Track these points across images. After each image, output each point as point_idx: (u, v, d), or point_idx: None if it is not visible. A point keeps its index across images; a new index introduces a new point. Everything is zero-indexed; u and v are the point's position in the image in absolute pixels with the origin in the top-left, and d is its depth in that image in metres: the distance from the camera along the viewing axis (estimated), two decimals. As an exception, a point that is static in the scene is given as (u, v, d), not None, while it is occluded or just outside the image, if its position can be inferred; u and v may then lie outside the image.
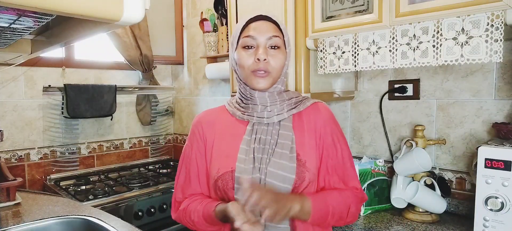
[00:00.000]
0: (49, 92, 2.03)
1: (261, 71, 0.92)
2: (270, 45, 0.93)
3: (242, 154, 0.92)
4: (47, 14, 0.79)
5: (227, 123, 1.01)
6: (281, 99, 0.98)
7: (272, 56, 0.93)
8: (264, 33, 0.93)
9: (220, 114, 1.05)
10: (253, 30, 0.93)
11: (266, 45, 0.93)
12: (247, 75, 0.94)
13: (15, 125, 2.00)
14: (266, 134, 0.95)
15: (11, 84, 1.98)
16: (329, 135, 0.98)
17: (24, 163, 2.03)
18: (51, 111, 2.11)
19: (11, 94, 1.98)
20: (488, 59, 0.98)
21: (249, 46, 0.94)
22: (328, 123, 0.99)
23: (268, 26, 0.94)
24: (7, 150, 1.97)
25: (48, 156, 2.11)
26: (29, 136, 2.05)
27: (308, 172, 0.92)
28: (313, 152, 0.95)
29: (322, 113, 1.00)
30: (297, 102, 0.99)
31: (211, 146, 1.00)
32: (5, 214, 1.33)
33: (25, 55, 1.41)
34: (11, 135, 1.98)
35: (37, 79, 2.06)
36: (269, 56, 0.92)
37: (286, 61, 0.97)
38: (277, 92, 0.98)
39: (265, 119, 0.96)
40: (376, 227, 1.29)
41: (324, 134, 0.97)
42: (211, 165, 0.98)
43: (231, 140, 0.97)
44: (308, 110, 1.00)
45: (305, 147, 0.95)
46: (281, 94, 0.99)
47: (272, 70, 0.93)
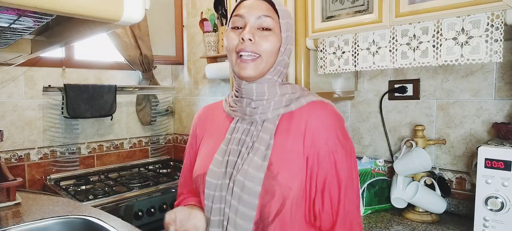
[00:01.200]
0: (49, 92, 2.03)
1: (247, 52, 0.77)
2: (261, 26, 0.79)
3: (219, 155, 0.81)
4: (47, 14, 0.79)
5: (219, 119, 0.90)
6: (271, 94, 0.81)
7: (262, 38, 0.78)
8: (254, 11, 0.79)
9: (215, 110, 0.95)
10: (243, 8, 0.80)
11: (255, 25, 0.79)
12: (233, 61, 0.81)
13: (15, 125, 2.00)
14: (247, 134, 0.81)
15: (11, 84, 1.98)
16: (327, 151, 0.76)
17: (24, 163, 2.03)
18: (51, 111, 2.11)
19: (11, 94, 1.98)
20: (488, 59, 0.98)
21: (237, 26, 0.81)
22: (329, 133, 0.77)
23: (261, 4, 0.80)
24: (7, 150, 1.97)
25: (48, 156, 2.11)
26: (29, 136, 2.05)
27: (280, 187, 0.74)
28: (295, 165, 0.76)
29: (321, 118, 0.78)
30: (290, 100, 0.81)
31: (200, 143, 0.92)
32: (5, 214, 1.33)
33: (25, 55, 1.41)
34: (11, 135, 1.98)
35: (37, 79, 2.06)
36: (258, 37, 0.78)
37: (283, 47, 0.81)
38: (269, 85, 0.82)
39: (247, 116, 0.82)
40: (376, 227, 1.29)
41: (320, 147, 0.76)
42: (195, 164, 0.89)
43: (216, 138, 0.86)
44: (304, 111, 0.80)
45: (284, 157, 0.77)
46: (274, 88, 0.82)
47: (262, 54, 0.78)
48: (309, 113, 0.79)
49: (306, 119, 0.78)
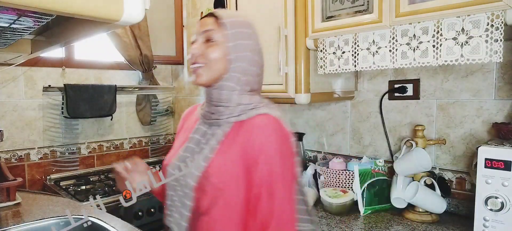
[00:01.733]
0: (49, 92, 2.03)
1: (195, 64, 0.89)
2: (206, 39, 0.89)
3: (181, 150, 0.93)
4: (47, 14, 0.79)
5: (193, 119, 1.02)
6: (228, 102, 0.88)
7: (207, 48, 0.88)
8: (201, 28, 0.90)
9: (196, 109, 1.06)
10: (196, 26, 0.92)
11: (202, 40, 0.90)
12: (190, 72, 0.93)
13: (15, 125, 2.00)
14: (203, 136, 0.91)
15: (11, 84, 1.98)
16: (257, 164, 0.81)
17: (24, 163, 2.03)
18: (51, 111, 2.11)
19: (11, 94, 1.98)
20: (488, 59, 0.98)
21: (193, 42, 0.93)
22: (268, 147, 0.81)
23: (208, 20, 0.90)
24: (7, 150, 1.97)
25: (48, 156, 2.11)
26: (29, 136, 2.04)
27: (211, 187, 0.83)
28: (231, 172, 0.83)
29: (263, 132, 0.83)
30: (243, 110, 0.88)
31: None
32: (5, 214, 1.33)
33: (25, 55, 1.41)
34: (11, 135, 1.98)
35: (37, 79, 2.06)
36: (204, 49, 0.88)
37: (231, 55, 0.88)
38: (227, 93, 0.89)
39: (207, 120, 0.92)
40: (376, 227, 1.29)
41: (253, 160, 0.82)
42: None
43: (186, 135, 0.97)
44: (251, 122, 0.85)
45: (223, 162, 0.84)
46: (231, 96, 0.88)
47: (207, 62, 0.87)
48: (253, 126, 0.85)
49: (251, 131, 0.84)
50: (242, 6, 1.61)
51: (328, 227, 1.29)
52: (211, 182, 0.84)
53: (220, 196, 0.84)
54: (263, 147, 0.82)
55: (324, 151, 1.89)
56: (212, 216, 0.85)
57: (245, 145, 0.83)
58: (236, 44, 0.89)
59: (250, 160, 0.82)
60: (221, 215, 0.84)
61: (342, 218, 1.38)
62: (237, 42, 0.89)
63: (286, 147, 0.84)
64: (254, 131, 0.84)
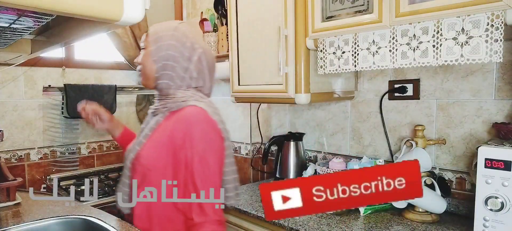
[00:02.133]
0: (49, 92, 2.03)
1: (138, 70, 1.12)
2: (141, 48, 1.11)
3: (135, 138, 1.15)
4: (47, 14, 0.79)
5: None
6: (165, 97, 1.09)
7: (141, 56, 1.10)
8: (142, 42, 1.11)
9: None
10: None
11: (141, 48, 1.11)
12: None
13: (15, 125, 2.00)
14: (146, 125, 1.12)
15: (11, 84, 1.98)
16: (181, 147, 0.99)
17: (24, 163, 2.03)
18: (51, 111, 2.11)
19: (11, 94, 1.98)
20: (488, 59, 0.98)
21: None
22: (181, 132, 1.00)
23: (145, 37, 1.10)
24: (7, 150, 1.97)
25: (48, 156, 2.11)
26: (29, 136, 2.04)
27: (140, 166, 1.05)
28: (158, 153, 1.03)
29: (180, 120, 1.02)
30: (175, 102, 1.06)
31: None
32: (5, 214, 1.33)
33: (25, 55, 1.41)
34: (11, 135, 1.98)
35: (37, 79, 2.06)
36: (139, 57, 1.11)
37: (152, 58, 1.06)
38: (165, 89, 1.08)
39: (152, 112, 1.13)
40: (376, 227, 1.29)
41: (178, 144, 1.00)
42: None
43: None
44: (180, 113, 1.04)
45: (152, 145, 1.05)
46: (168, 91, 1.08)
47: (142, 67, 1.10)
48: (181, 115, 1.03)
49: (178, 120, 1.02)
50: (242, 6, 1.61)
51: (328, 227, 1.30)
52: (141, 162, 1.05)
53: (148, 174, 1.03)
54: (187, 133, 0.99)
55: (324, 151, 1.89)
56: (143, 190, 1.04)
57: (173, 131, 1.01)
58: (157, 46, 1.05)
59: (176, 144, 1.00)
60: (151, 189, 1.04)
61: (342, 218, 1.38)
62: (158, 45, 1.05)
63: (209, 132, 1.01)
64: (181, 120, 1.02)
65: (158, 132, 1.06)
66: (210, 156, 1.00)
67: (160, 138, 1.04)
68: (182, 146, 0.99)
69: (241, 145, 2.15)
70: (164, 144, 1.02)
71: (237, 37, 1.64)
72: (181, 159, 1.00)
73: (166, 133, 1.03)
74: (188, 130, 1.00)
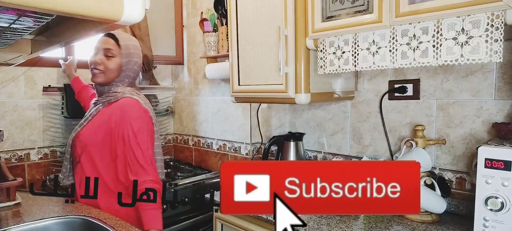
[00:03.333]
0: (49, 92, 2.03)
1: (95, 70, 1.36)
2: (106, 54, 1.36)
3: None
4: (47, 14, 0.79)
5: None
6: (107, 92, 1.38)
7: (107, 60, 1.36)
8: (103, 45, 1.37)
9: None
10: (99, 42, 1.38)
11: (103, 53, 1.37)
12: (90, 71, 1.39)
13: (15, 125, 2.00)
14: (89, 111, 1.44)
15: (11, 84, 1.98)
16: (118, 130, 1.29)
17: (24, 163, 2.03)
18: (51, 112, 2.11)
19: (11, 94, 1.98)
20: (488, 59, 0.98)
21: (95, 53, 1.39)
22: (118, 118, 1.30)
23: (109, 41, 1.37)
24: (7, 150, 1.97)
25: (48, 156, 2.11)
26: (29, 136, 2.04)
27: (79, 142, 1.37)
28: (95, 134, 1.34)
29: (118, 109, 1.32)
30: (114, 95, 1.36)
31: None
32: (5, 214, 1.33)
33: (25, 55, 1.41)
34: (11, 135, 1.98)
35: (37, 79, 2.06)
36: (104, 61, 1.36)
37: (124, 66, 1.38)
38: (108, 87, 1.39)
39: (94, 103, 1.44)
40: (376, 227, 1.29)
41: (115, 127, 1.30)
42: None
43: None
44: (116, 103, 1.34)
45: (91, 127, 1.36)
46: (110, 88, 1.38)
47: (105, 71, 1.36)
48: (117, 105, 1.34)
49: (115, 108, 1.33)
50: (242, 6, 1.61)
51: (328, 227, 1.30)
52: (80, 140, 1.36)
53: (85, 150, 1.35)
54: (122, 118, 1.30)
55: (324, 151, 1.89)
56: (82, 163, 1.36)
57: (110, 116, 1.32)
58: (128, 60, 1.39)
59: (112, 126, 1.30)
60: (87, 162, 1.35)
61: (342, 218, 1.38)
62: (129, 59, 1.39)
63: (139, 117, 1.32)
64: (117, 108, 1.32)
65: (97, 117, 1.36)
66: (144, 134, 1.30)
67: (98, 121, 1.35)
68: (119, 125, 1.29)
69: (241, 145, 2.15)
70: (101, 125, 1.33)
71: (237, 37, 1.64)
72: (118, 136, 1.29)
73: (104, 117, 1.34)
74: (124, 113, 1.30)
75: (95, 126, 1.36)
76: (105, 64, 1.36)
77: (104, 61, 1.36)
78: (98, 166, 1.34)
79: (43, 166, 2.09)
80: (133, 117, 1.30)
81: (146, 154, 1.29)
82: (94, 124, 1.36)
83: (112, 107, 1.35)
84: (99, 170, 1.34)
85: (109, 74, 1.37)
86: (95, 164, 1.34)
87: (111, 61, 1.36)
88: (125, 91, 1.38)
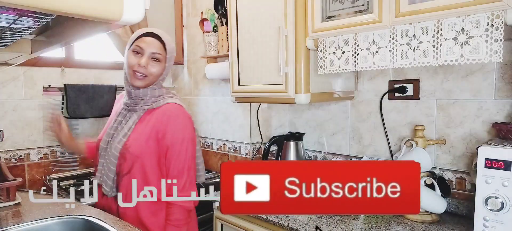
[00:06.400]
0: (49, 92, 2.03)
1: (139, 74, 1.22)
2: (152, 57, 1.23)
3: (108, 129, 1.30)
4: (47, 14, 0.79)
5: (119, 105, 1.36)
6: (145, 96, 1.26)
7: (152, 66, 1.23)
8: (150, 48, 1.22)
9: (122, 98, 1.38)
10: (143, 42, 1.22)
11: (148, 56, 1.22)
12: (130, 73, 1.23)
13: (15, 125, 2.00)
14: (124, 118, 1.29)
15: (11, 84, 1.98)
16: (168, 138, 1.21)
17: (24, 163, 2.03)
18: (51, 112, 2.11)
19: (11, 94, 1.98)
20: (488, 59, 0.98)
21: (137, 52, 1.23)
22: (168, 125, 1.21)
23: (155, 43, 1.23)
24: (7, 150, 1.97)
25: (48, 156, 2.11)
26: (29, 136, 2.04)
27: (130, 155, 1.22)
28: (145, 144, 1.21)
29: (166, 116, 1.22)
30: (155, 101, 1.26)
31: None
32: (5, 214, 1.33)
33: (25, 55, 1.41)
34: (11, 135, 1.98)
35: (37, 79, 2.06)
36: (149, 65, 1.22)
37: (165, 72, 1.28)
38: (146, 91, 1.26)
39: (129, 107, 1.28)
40: (376, 227, 1.29)
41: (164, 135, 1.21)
42: None
43: (111, 118, 1.37)
44: (160, 109, 1.24)
45: (138, 136, 1.23)
46: (148, 92, 1.26)
47: (149, 75, 1.23)
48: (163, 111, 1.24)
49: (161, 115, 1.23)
50: (242, 6, 1.61)
51: (328, 227, 1.30)
52: (130, 151, 1.22)
53: (136, 161, 1.22)
54: (169, 125, 1.21)
55: (324, 151, 1.89)
56: (131, 175, 1.22)
57: (157, 124, 1.22)
58: (169, 64, 1.29)
59: (159, 134, 1.21)
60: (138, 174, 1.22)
61: (342, 218, 1.38)
62: (170, 63, 1.29)
63: (185, 125, 1.24)
64: (163, 115, 1.23)
65: (142, 126, 1.24)
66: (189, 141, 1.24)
67: (145, 130, 1.23)
68: (166, 133, 1.20)
69: (241, 145, 2.15)
70: (148, 135, 1.22)
71: (237, 37, 1.64)
72: (164, 145, 1.21)
73: (150, 125, 1.23)
74: (170, 120, 1.21)
75: (143, 135, 1.23)
76: (150, 69, 1.23)
77: (149, 65, 1.23)
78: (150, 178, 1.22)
79: (43, 166, 2.09)
80: (180, 124, 1.23)
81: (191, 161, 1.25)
82: (142, 134, 1.23)
83: (156, 114, 1.24)
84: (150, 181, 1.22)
85: (152, 79, 1.25)
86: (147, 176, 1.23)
87: (157, 66, 1.24)
88: (165, 96, 1.28)
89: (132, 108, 1.28)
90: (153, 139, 1.21)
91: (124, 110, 1.30)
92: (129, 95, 1.28)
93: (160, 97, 1.27)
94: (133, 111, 1.28)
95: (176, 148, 1.21)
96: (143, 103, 1.26)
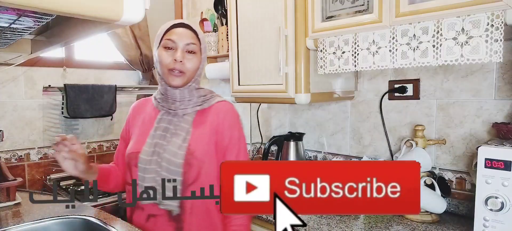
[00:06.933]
0: (49, 92, 2.03)
1: (176, 71, 1.08)
2: (187, 50, 1.09)
3: (149, 138, 1.11)
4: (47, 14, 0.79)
5: (149, 111, 1.19)
6: (190, 96, 1.13)
7: (188, 60, 1.09)
8: (183, 39, 1.08)
9: (147, 103, 1.23)
10: (175, 35, 1.08)
11: (184, 49, 1.08)
12: (165, 73, 1.09)
13: (15, 125, 2.00)
14: (170, 124, 1.12)
15: (11, 84, 1.98)
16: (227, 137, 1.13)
17: (24, 163, 2.03)
18: (51, 111, 2.11)
19: (11, 94, 1.98)
20: (488, 59, 0.98)
21: (169, 47, 1.08)
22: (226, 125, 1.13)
23: (187, 33, 1.09)
24: (7, 150, 1.97)
25: (48, 156, 2.11)
26: (29, 136, 2.04)
27: (196, 161, 1.07)
28: (208, 147, 1.10)
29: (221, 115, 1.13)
30: (204, 100, 1.15)
31: (132, 130, 1.20)
32: (5, 214, 1.33)
33: (25, 55, 1.41)
34: (11, 135, 1.98)
35: (37, 79, 2.06)
36: (185, 59, 1.08)
37: (202, 64, 1.14)
38: (189, 90, 1.12)
39: (172, 111, 1.13)
40: (376, 227, 1.29)
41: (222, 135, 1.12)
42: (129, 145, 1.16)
43: (146, 126, 1.15)
44: (213, 109, 1.14)
45: (199, 140, 1.10)
46: (192, 92, 1.13)
47: (186, 72, 1.09)
48: (218, 110, 1.14)
49: (217, 114, 1.13)
50: (242, 6, 1.61)
51: (328, 227, 1.30)
52: (196, 156, 1.07)
53: (203, 167, 1.08)
54: (226, 124, 1.13)
55: (324, 151, 1.89)
56: (198, 184, 1.06)
57: (215, 124, 1.12)
58: (204, 55, 1.15)
59: (219, 135, 1.11)
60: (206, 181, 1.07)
61: (342, 218, 1.38)
62: (206, 54, 1.15)
63: (239, 122, 1.18)
64: (220, 114, 1.13)
65: (196, 128, 1.12)
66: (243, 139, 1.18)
67: (201, 132, 1.11)
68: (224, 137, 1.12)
69: (241, 145, 2.15)
70: (209, 137, 1.11)
71: (237, 37, 1.64)
72: (222, 145, 1.12)
73: (206, 128, 1.12)
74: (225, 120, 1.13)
75: (203, 138, 1.11)
76: (186, 64, 1.08)
77: (185, 59, 1.08)
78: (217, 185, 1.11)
79: (43, 166, 2.09)
80: (235, 123, 1.16)
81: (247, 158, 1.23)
82: (201, 136, 1.11)
83: (210, 114, 1.14)
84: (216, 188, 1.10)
85: (189, 75, 1.10)
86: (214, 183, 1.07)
87: (193, 60, 1.10)
88: (213, 94, 1.19)
89: (173, 111, 1.13)
90: (212, 141, 1.11)
91: (165, 115, 1.13)
92: (167, 97, 1.13)
93: (209, 96, 1.17)
94: (177, 115, 1.13)
95: (235, 147, 1.14)
96: (192, 105, 1.13)
